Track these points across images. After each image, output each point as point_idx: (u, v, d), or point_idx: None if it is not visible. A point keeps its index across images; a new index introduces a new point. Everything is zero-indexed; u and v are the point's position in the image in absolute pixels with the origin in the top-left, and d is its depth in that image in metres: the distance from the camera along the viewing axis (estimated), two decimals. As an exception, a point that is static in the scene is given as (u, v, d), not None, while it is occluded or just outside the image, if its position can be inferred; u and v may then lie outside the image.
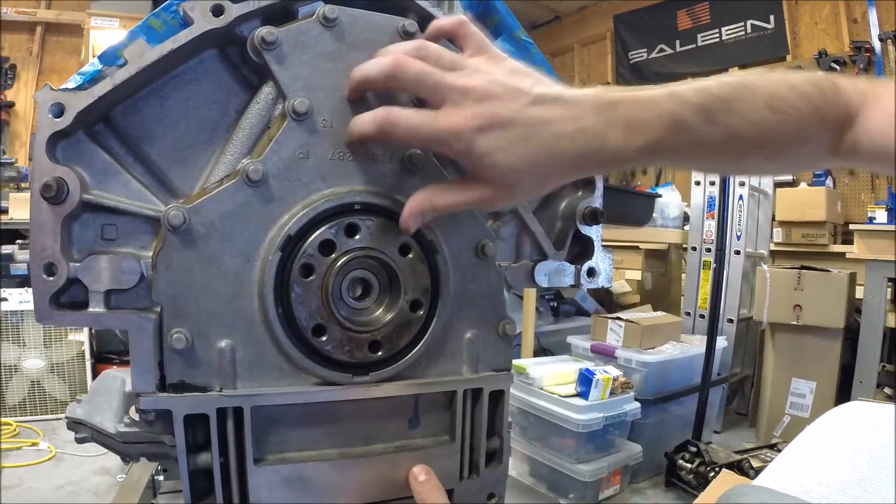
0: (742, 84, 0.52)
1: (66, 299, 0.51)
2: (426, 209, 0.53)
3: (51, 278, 0.49)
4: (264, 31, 0.53)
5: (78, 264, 0.50)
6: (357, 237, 0.55)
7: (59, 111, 0.49)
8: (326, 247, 0.54)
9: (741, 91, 0.51)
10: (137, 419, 0.93)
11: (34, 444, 2.64)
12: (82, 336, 3.02)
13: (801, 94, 0.51)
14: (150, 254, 0.53)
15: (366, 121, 0.53)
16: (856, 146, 0.53)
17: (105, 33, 4.25)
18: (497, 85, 0.51)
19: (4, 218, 3.21)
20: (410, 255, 0.57)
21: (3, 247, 3.03)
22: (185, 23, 0.54)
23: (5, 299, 2.85)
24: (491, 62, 0.53)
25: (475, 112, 0.50)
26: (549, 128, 0.50)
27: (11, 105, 4.96)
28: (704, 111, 0.50)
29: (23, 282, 2.99)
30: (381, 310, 0.57)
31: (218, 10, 0.53)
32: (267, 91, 0.57)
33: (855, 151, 0.54)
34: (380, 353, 0.57)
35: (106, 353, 3.25)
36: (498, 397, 0.66)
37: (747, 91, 0.51)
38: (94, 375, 2.98)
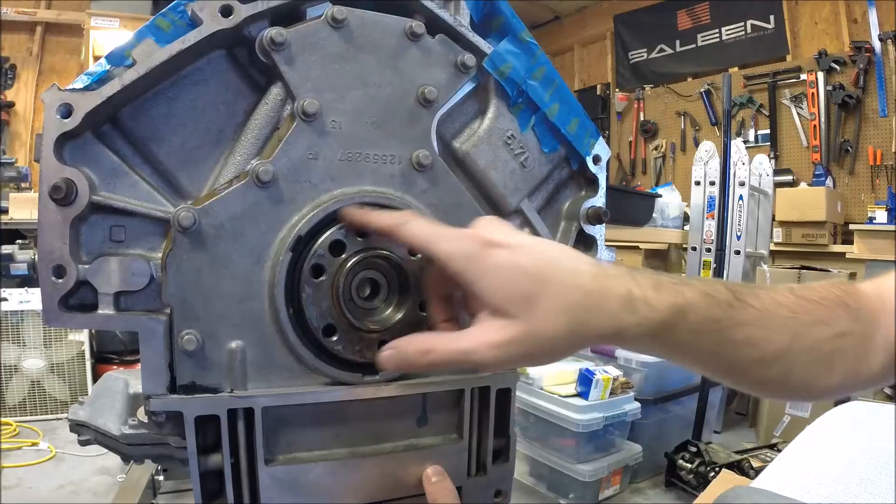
0: (761, 284, 0.51)
1: (75, 301, 0.51)
2: (409, 356, 0.49)
3: (59, 280, 0.49)
4: (273, 32, 0.53)
5: (87, 266, 0.50)
6: (367, 237, 0.55)
7: (66, 112, 0.49)
8: (336, 247, 0.54)
9: (763, 286, 0.51)
10: (145, 421, 0.93)
11: (34, 444, 2.64)
12: (82, 336, 3.02)
13: (822, 286, 0.51)
14: (159, 255, 0.53)
15: (384, 217, 0.52)
16: (887, 358, 0.50)
17: (105, 33, 4.26)
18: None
19: (4, 218, 3.21)
20: (419, 255, 0.57)
21: (3, 247, 3.03)
22: (194, 23, 0.53)
23: (5, 299, 2.85)
24: None
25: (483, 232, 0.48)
26: (562, 257, 0.47)
27: (11, 105, 4.95)
28: (733, 291, 0.48)
29: (23, 282, 2.99)
30: (390, 309, 0.57)
31: (227, 11, 0.53)
32: (275, 92, 0.57)
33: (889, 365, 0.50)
34: (389, 353, 0.57)
35: (106, 352, 3.25)
36: (505, 395, 0.66)
37: (769, 286, 0.51)
38: (94, 375, 2.98)
